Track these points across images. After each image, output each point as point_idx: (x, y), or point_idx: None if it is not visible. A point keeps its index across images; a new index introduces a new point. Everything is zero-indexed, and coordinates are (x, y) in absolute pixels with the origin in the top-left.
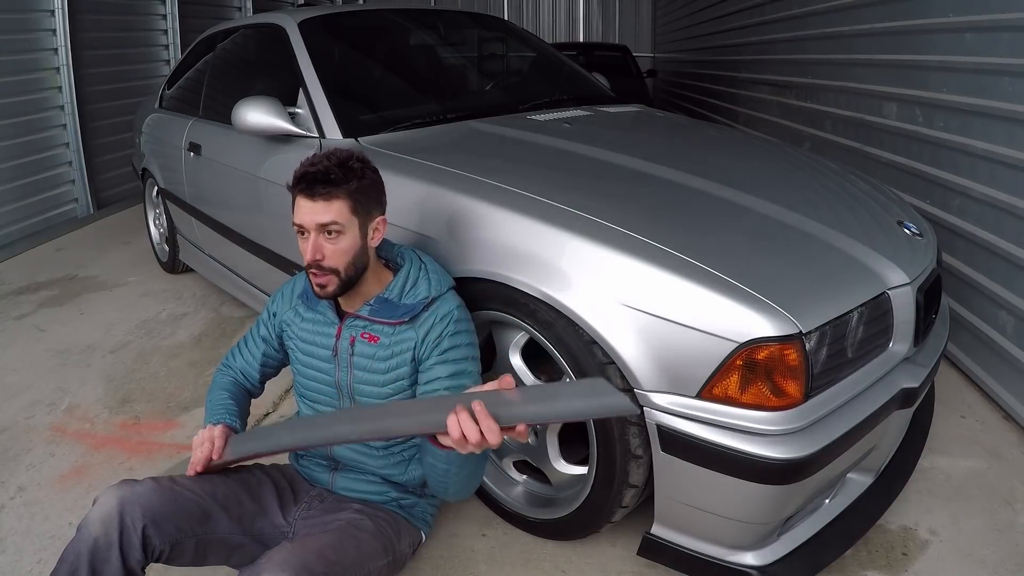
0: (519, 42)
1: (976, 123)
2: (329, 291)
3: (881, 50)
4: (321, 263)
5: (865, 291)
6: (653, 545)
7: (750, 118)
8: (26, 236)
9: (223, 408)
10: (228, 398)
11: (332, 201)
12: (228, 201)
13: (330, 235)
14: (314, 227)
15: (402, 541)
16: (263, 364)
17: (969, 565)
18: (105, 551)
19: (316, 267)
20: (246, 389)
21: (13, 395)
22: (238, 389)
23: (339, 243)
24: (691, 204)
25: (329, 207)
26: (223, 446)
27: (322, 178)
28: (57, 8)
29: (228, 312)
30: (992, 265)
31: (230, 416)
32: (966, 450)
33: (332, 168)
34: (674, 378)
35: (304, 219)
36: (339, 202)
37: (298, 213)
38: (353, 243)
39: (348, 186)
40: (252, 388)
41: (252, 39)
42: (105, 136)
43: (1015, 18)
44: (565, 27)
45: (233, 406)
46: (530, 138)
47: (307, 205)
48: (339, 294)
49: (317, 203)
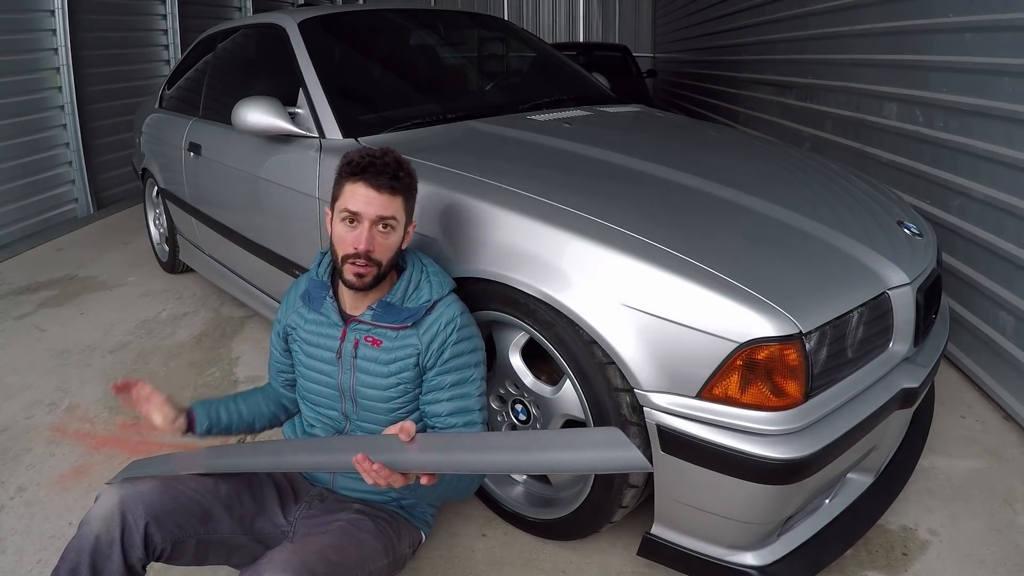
0: (519, 42)
1: (976, 123)
2: (366, 281)
3: (881, 50)
4: (371, 254)
5: (865, 291)
6: (653, 545)
7: (750, 118)
8: (26, 236)
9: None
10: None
11: (396, 196)
12: (228, 201)
13: (384, 229)
14: (373, 217)
15: (402, 541)
16: (280, 372)
17: (969, 565)
18: (107, 548)
19: (365, 257)
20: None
21: (13, 395)
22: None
23: (390, 238)
24: (691, 204)
25: (393, 201)
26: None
27: (391, 172)
28: (57, 8)
29: (228, 312)
30: (992, 265)
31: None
32: (966, 450)
33: (397, 165)
34: (674, 378)
35: (364, 208)
36: (400, 199)
37: (355, 200)
38: (398, 240)
39: (406, 183)
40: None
41: (252, 39)
42: (105, 136)
43: (1015, 18)
44: (565, 27)
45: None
46: (530, 138)
47: (370, 195)
48: (372, 286)
49: (383, 195)
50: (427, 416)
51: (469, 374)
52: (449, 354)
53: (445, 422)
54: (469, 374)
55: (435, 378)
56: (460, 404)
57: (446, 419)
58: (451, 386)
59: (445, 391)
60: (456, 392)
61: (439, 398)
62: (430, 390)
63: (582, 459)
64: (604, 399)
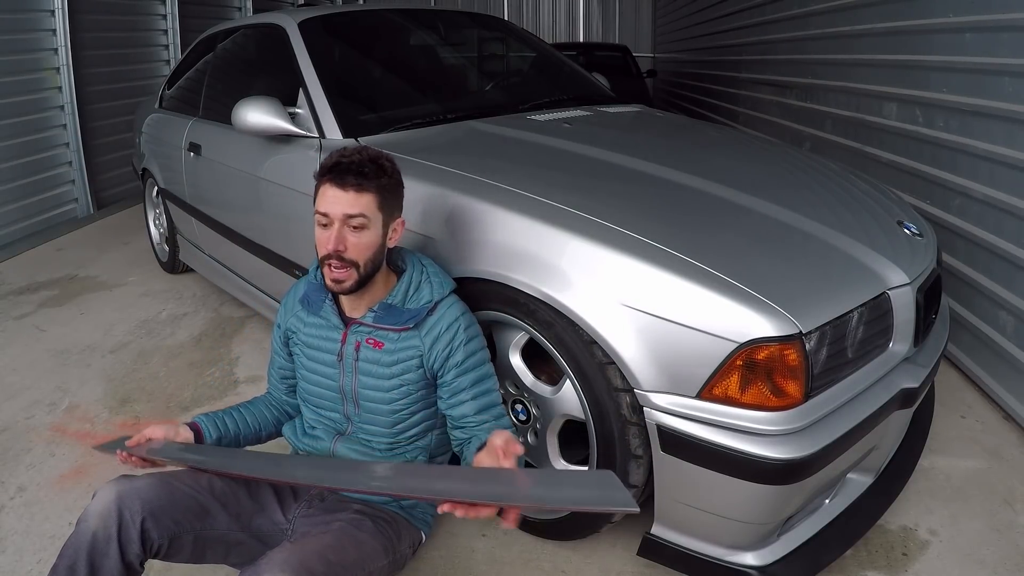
0: (519, 42)
1: (976, 123)
2: (346, 287)
3: (881, 50)
4: (343, 254)
5: (865, 291)
6: (653, 545)
7: (750, 118)
8: (26, 236)
9: (222, 413)
10: (236, 407)
11: (363, 194)
12: (228, 201)
13: (355, 228)
14: (340, 217)
15: (402, 541)
16: (282, 378)
17: (969, 565)
18: (104, 545)
19: (337, 258)
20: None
21: (13, 395)
22: (256, 405)
23: (362, 237)
24: (691, 204)
25: (359, 199)
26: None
27: (355, 170)
28: (57, 8)
29: (228, 312)
30: (992, 265)
31: (210, 417)
32: (966, 450)
33: (365, 162)
34: (674, 378)
35: (331, 208)
36: (369, 195)
37: (324, 201)
38: (375, 239)
39: (379, 181)
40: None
41: (252, 39)
42: (105, 136)
43: (1015, 18)
44: (565, 27)
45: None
46: (530, 138)
47: (336, 194)
48: (354, 290)
49: (348, 193)
50: (454, 419)
51: (486, 370)
52: (462, 355)
53: (475, 420)
54: (486, 370)
55: (454, 381)
56: (484, 401)
57: (475, 417)
58: (472, 386)
59: (467, 391)
60: (478, 390)
61: (463, 399)
62: (452, 394)
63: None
64: (604, 399)
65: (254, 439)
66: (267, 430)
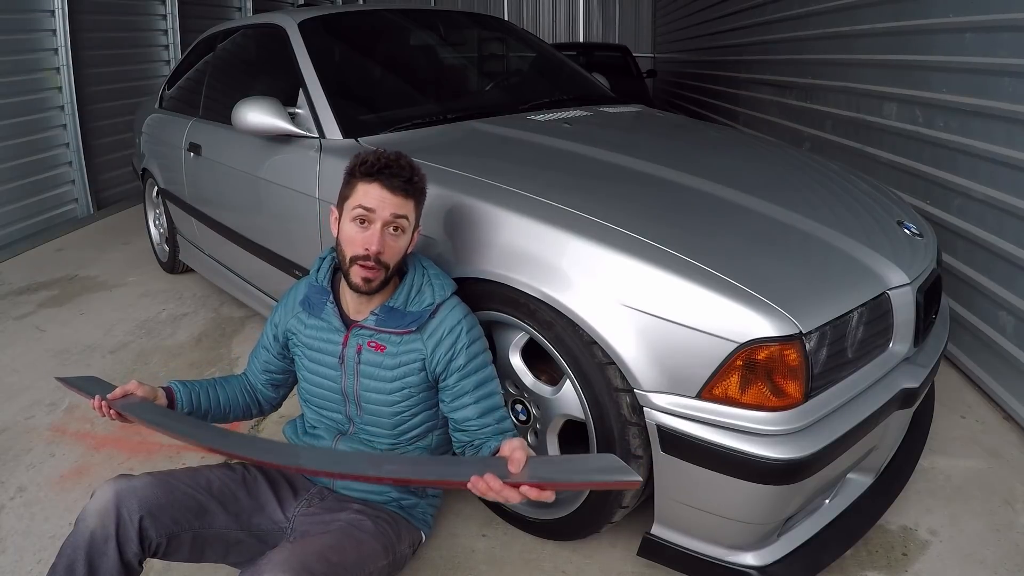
0: (519, 42)
1: (976, 123)
2: (373, 286)
3: (881, 50)
4: (381, 256)
5: (865, 291)
6: (653, 545)
7: (750, 118)
8: (26, 236)
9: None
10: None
11: (409, 199)
12: (228, 201)
13: (395, 231)
14: (387, 217)
15: (402, 541)
16: (264, 371)
17: (969, 565)
18: (102, 544)
19: (374, 259)
20: (246, 391)
21: (13, 395)
22: (232, 386)
23: (399, 241)
24: (691, 204)
25: (406, 203)
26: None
27: (406, 176)
28: (57, 8)
29: (228, 312)
30: (992, 265)
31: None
32: (966, 450)
33: (407, 168)
34: (674, 378)
35: (379, 206)
36: (412, 202)
37: (370, 198)
38: (407, 244)
39: (418, 187)
40: (254, 396)
41: (252, 39)
42: (105, 136)
43: (1015, 18)
44: (565, 27)
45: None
46: (530, 138)
47: (384, 195)
48: (379, 291)
49: (397, 197)
50: (456, 422)
51: (488, 373)
52: (465, 358)
53: (478, 423)
54: (488, 373)
55: (456, 384)
56: (487, 404)
57: (478, 421)
58: (474, 389)
59: (470, 395)
60: (481, 393)
61: (466, 403)
62: (455, 397)
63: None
64: (604, 399)
65: (221, 420)
66: (235, 414)
